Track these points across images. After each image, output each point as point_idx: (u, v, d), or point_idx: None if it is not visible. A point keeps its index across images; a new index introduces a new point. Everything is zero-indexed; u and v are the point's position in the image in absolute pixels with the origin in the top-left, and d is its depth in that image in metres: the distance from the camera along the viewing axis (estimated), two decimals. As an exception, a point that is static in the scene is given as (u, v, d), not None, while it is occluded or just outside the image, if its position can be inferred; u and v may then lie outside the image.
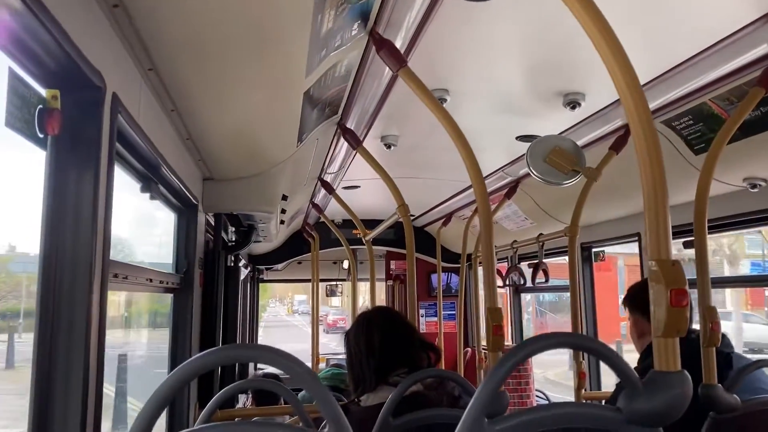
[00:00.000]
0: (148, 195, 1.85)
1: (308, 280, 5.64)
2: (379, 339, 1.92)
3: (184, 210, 2.39)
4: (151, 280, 1.86)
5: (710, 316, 1.95)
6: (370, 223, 4.24)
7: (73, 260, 1.13)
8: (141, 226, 2.69)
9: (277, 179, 2.64)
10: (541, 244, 3.98)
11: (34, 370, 1.12)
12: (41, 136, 1.08)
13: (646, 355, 2.26)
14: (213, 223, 2.79)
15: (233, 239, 3.41)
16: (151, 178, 1.83)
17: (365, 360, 1.91)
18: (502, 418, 1.05)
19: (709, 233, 3.17)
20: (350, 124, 2.82)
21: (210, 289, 2.58)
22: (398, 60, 1.93)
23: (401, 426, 1.73)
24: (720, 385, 1.92)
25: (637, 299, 2.39)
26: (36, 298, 1.12)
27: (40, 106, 1.06)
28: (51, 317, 1.13)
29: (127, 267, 1.62)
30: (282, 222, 3.68)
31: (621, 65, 1.18)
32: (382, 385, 1.87)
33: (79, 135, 1.17)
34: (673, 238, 3.55)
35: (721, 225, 2.99)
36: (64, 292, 1.13)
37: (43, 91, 1.09)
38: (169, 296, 2.34)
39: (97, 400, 1.25)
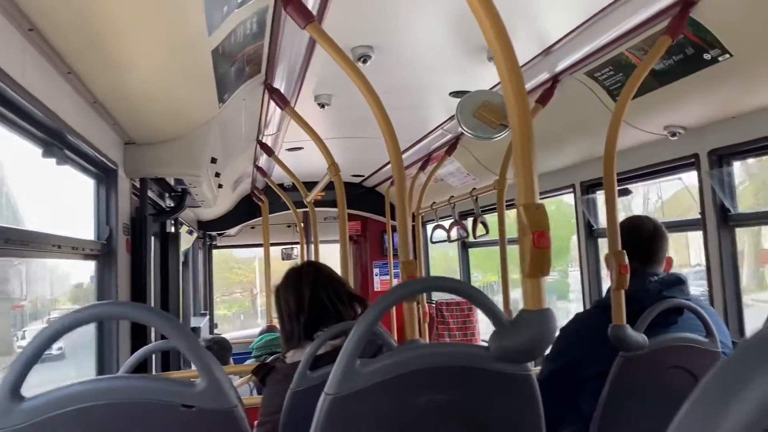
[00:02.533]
0: (54, 161, 1.81)
1: (262, 245, 5.63)
2: (309, 294, 1.92)
3: (102, 175, 2.35)
4: (60, 247, 1.84)
5: (618, 260, 2.02)
6: (316, 186, 4.22)
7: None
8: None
9: (202, 141, 2.61)
10: (474, 198, 4.04)
11: None
12: None
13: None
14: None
15: (170, 205, 3.37)
16: (54, 144, 1.79)
17: (294, 317, 1.92)
18: (375, 359, 1.09)
19: (631, 182, 3.28)
20: (277, 84, 2.79)
21: (138, 256, 2.56)
22: (306, 16, 1.90)
23: (319, 377, 1.77)
24: (627, 325, 2.00)
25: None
26: None
27: None
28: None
29: (24, 233, 1.59)
30: (220, 186, 3.64)
31: (492, 22, 1.18)
32: (307, 341, 1.90)
33: (-55, 98, 1.13)
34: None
35: (643, 174, 3.08)
36: None
37: None
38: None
39: None
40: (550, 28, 2.44)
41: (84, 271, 2.73)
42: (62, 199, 2.53)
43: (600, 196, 3.54)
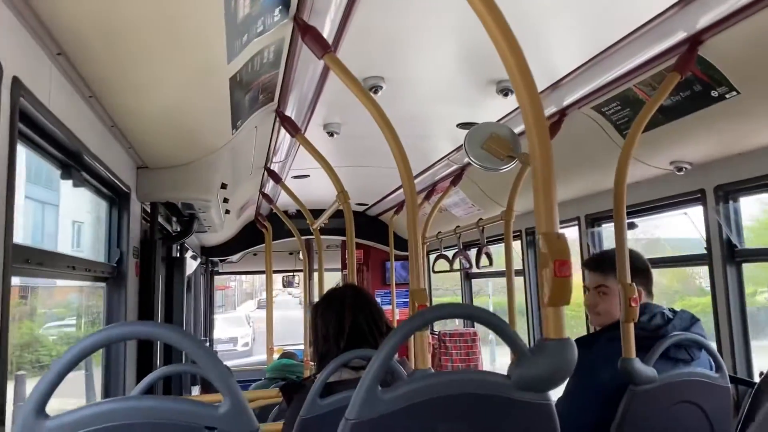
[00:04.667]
0: (70, 182, 1.83)
1: (264, 272, 5.62)
2: (350, 320, 1.91)
3: (115, 198, 2.37)
4: (74, 268, 1.84)
5: (628, 292, 2.02)
6: (323, 213, 4.24)
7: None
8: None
9: (214, 167, 2.63)
10: (481, 228, 4.06)
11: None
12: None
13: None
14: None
15: (177, 229, 3.39)
16: (72, 166, 1.81)
17: (333, 340, 1.90)
18: (395, 386, 1.09)
19: (638, 216, 3.30)
20: (289, 112, 2.83)
21: (147, 279, 2.56)
22: (323, 46, 1.94)
23: (328, 405, 1.76)
24: (637, 358, 2.00)
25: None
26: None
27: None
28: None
29: (41, 253, 1.60)
30: (227, 212, 3.66)
31: (516, 59, 1.22)
32: (343, 367, 1.88)
33: (-24, 118, 1.15)
34: (609, 222, 3.63)
35: (650, 208, 3.10)
36: None
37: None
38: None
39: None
40: (558, 63, 2.48)
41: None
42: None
43: (605, 230, 3.55)
